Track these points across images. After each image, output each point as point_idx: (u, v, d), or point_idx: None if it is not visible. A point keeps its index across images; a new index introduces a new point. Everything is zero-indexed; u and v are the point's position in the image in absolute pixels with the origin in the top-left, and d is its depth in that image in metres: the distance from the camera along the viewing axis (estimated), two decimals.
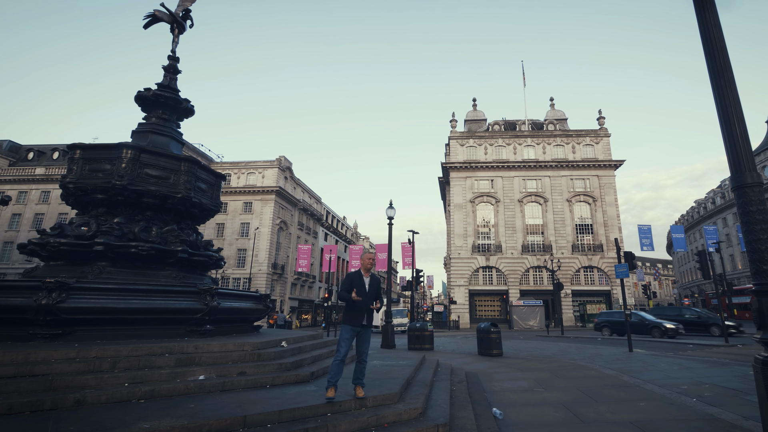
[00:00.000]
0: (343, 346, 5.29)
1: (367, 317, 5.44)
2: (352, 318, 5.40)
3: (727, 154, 3.95)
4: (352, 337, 5.39)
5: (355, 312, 5.39)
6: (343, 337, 5.36)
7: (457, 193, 48.68)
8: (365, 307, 5.42)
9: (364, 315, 5.41)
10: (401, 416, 5.19)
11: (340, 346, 5.31)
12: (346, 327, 5.41)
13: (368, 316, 5.45)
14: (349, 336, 5.37)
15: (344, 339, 5.34)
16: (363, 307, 5.41)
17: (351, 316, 5.40)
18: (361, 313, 5.39)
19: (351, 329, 5.39)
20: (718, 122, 3.99)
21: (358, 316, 5.39)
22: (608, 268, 44.10)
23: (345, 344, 5.31)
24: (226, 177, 11.21)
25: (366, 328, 5.47)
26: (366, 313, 5.42)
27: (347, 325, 5.40)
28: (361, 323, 5.40)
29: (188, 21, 10.41)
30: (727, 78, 4.01)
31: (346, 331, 5.38)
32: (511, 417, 5.83)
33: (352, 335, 5.39)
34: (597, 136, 49.33)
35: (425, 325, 15.60)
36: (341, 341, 5.33)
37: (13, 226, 48.13)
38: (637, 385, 7.80)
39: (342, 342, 5.33)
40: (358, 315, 5.39)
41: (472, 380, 8.78)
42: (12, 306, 6.13)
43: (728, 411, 5.75)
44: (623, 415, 5.70)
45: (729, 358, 12.12)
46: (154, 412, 4.43)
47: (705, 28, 4.21)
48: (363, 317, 5.40)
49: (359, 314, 5.39)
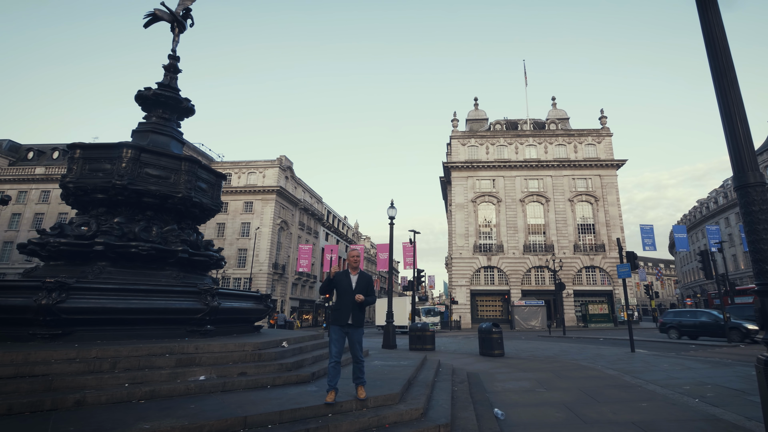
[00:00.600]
0: (333, 348, 5.22)
1: (353, 316, 5.29)
2: (337, 317, 5.29)
3: (729, 153, 3.93)
4: (341, 338, 5.26)
5: (339, 311, 5.29)
6: (331, 338, 5.28)
7: (458, 193, 48.64)
8: (349, 306, 5.29)
9: (349, 314, 5.27)
10: (402, 417, 5.17)
11: (330, 347, 5.25)
12: (333, 327, 5.31)
13: (354, 315, 5.30)
14: (338, 336, 5.25)
15: (333, 340, 5.26)
16: (347, 306, 5.28)
17: (336, 316, 5.31)
18: (345, 312, 5.27)
19: (339, 329, 5.28)
20: (721, 122, 3.97)
21: (343, 315, 5.27)
22: (610, 268, 44.01)
23: (334, 345, 5.22)
24: (226, 176, 11.20)
25: (353, 327, 5.30)
26: (351, 312, 5.28)
27: (334, 326, 5.30)
28: (346, 322, 5.26)
29: (189, 20, 10.39)
30: (729, 78, 3.98)
31: (333, 332, 5.28)
32: (512, 417, 5.81)
33: (340, 335, 5.26)
34: (599, 135, 49.23)
35: (426, 326, 15.58)
36: (330, 343, 5.27)
37: (13, 225, 47.88)
38: (639, 385, 7.78)
39: (331, 343, 5.26)
40: (343, 314, 5.27)
41: (473, 380, 8.76)
42: (12, 306, 6.12)
43: (731, 411, 5.74)
44: (625, 416, 5.68)
45: (731, 359, 12.09)
46: (155, 412, 4.42)
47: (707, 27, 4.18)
48: (348, 316, 5.26)
49: (344, 313, 5.27)
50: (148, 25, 9.75)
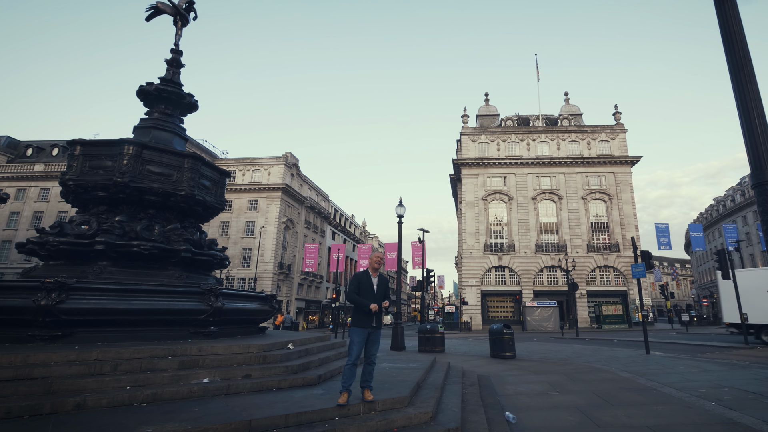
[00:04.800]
0: (354, 350, 5.26)
1: (376, 318, 5.35)
2: (362, 320, 5.32)
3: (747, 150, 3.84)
4: (363, 340, 5.31)
5: (364, 314, 5.31)
6: (353, 340, 5.31)
7: (468, 191, 48.16)
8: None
9: (373, 317, 5.31)
10: (411, 420, 5.14)
11: (351, 349, 5.28)
12: (355, 329, 5.34)
13: (377, 317, 5.36)
14: (360, 339, 5.29)
15: (355, 342, 5.29)
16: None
17: (360, 318, 5.33)
18: (369, 315, 5.30)
19: (361, 331, 5.30)
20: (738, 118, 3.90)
21: (367, 318, 5.29)
22: (624, 267, 43.35)
23: (356, 347, 5.27)
24: (230, 174, 11.13)
25: (376, 329, 5.38)
26: (375, 315, 5.32)
27: (357, 328, 5.33)
28: (371, 325, 5.31)
29: (192, 13, 10.31)
30: (747, 72, 3.89)
31: (356, 334, 5.31)
32: (524, 421, 5.76)
33: (362, 338, 5.30)
34: (613, 131, 48.43)
35: (436, 327, 15.38)
36: (352, 344, 5.31)
37: (12, 224, 46.85)
38: (654, 388, 7.68)
39: (353, 345, 5.29)
40: (367, 317, 5.29)
41: (484, 383, 8.66)
42: (10, 307, 6.06)
43: (748, 415, 5.67)
44: (640, 420, 5.65)
45: (749, 361, 11.92)
46: (157, 416, 4.40)
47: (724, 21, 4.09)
48: (372, 319, 5.31)
49: (369, 316, 5.29)
50: (150, 19, 9.65)
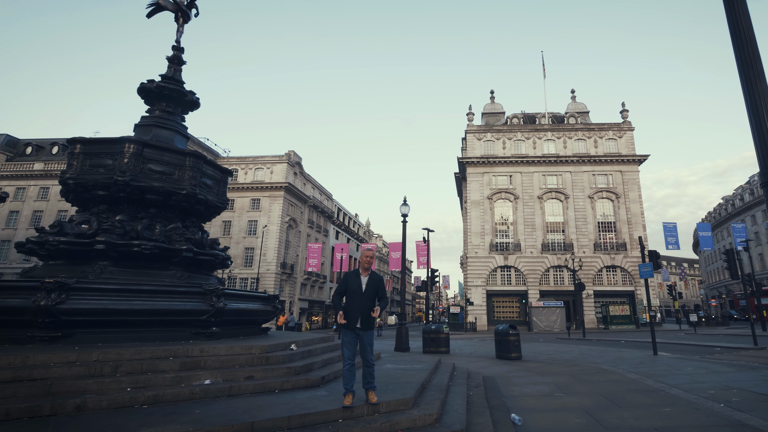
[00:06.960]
0: (345, 351, 5.23)
1: (362, 320, 5.23)
2: (346, 321, 5.24)
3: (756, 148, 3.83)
4: (352, 340, 5.24)
5: (348, 314, 5.22)
6: (343, 341, 5.27)
7: (474, 190, 47.90)
8: (358, 308, 5.23)
9: (358, 317, 5.21)
10: (416, 422, 5.09)
11: (342, 351, 5.26)
12: (342, 330, 5.31)
13: (363, 318, 5.23)
14: (349, 339, 5.23)
15: (344, 343, 5.26)
16: (356, 308, 5.23)
17: (345, 319, 5.25)
18: (354, 315, 5.21)
19: (347, 332, 5.26)
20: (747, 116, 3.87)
21: (352, 318, 5.20)
22: (632, 267, 42.97)
23: (346, 348, 5.23)
24: (232, 172, 11.11)
25: (363, 330, 5.25)
26: (360, 316, 5.22)
27: (343, 328, 5.30)
28: (355, 326, 5.21)
29: (193, 9, 10.26)
30: (756, 69, 3.88)
31: (343, 335, 5.29)
32: (530, 423, 5.71)
33: (351, 338, 5.24)
34: (620, 129, 48.01)
35: (441, 327, 15.26)
36: (342, 346, 5.29)
37: (11, 223, 46.48)
38: (661, 389, 7.61)
39: (343, 346, 5.26)
40: (352, 317, 5.20)
41: (489, 385, 8.58)
42: (9, 307, 6.02)
43: (757, 417, 5.64)
44: (648, 421, 5.57)
45: (758, 362, 11.73)
46: (158, 418, 4.38)
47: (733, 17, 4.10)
48: (356, 320, 5.21)
49: (353, 317, 5.21)
50: (151, 15, 9.55)
